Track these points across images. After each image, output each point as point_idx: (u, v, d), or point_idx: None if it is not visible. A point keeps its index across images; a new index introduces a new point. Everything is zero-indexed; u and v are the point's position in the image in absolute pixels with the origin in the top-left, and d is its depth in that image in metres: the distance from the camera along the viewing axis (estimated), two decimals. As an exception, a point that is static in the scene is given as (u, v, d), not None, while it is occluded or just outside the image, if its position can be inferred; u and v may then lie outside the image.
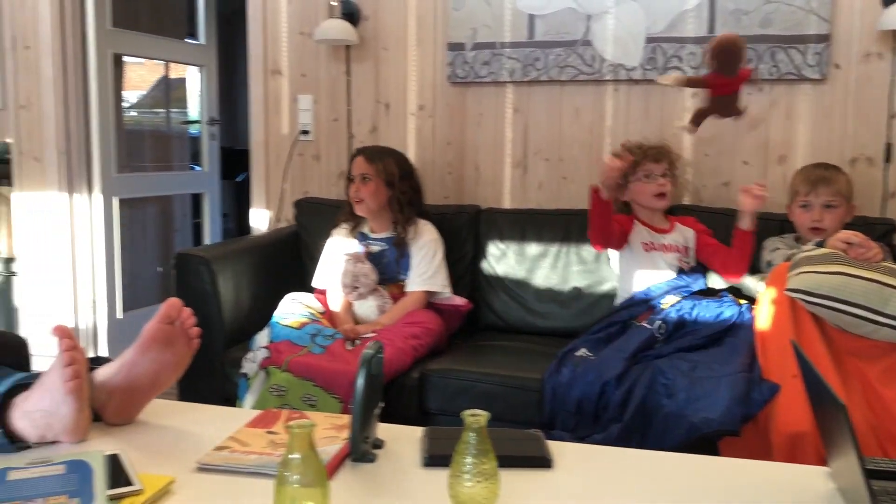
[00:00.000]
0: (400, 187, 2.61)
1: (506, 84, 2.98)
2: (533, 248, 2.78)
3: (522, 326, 2.76)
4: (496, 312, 2.79)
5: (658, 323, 2.26)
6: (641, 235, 2.54)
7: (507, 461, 1.23)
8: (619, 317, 2.42)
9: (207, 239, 4.51)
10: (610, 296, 2.68)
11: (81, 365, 1.35)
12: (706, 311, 2.31)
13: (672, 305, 2.35)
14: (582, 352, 2.26)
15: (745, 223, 2.42)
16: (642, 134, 2.84)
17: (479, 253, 2.84)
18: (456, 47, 2.99)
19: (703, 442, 1.91)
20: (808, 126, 2.75)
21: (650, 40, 2.80)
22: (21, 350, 1.80)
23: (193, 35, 4.54)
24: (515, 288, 2.78)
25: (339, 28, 3.00)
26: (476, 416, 1.15)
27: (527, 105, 2.98)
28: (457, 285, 2.72)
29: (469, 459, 1.14)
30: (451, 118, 3.06)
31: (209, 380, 2.44)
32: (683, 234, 2.58)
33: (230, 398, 2.39)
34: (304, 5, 3.17)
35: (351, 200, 2.64)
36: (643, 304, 2.42)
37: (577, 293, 2.72)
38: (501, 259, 2.80)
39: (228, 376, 2.42)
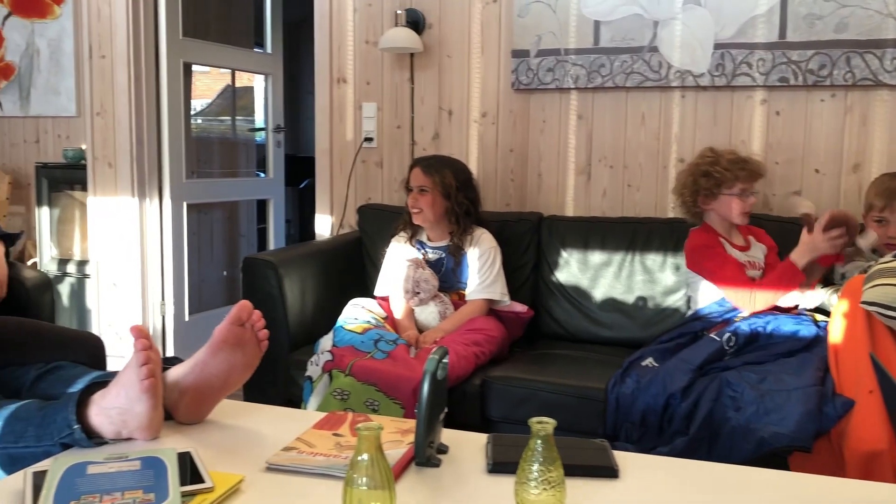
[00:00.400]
0: (457, 198, 2.61)
1: (570, 91, 2.97)
2: (596, 257, 2.75)
3: (585, 336, 2.73)
4: (558, 321, 2.77)
5: (728, 335, 2.20)
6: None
7: (572, 470, 1.22)
8: (689, 328, 2.37)
9: (272, 244, 4.58)
10: (675, 307, 2.63)
11: (156, 364, 1.39)
12: (782, 326, 2.21)
13: (745, 319, 2.28)
14: (648, 361, 2.23)
15: (800, 257, 2.28)
16: (709, 142, 2.79)
17: (541, 261, 2.82)
18: (520, 54, 2.99)
19: (772, 457, 1.86)
20: (884, 133, 2.66)
21: (718, 46, 2.76)
22: (97, 349, 1.86)
23: (260, 44, 4.63)
24: (578, 297, 2.75)
25: (403, 36, 3.03)
26: (543, 424, 1.14)
27: (591, 112, 2.96)
28: (518, 293, 2.71)
29: (536, 467, 1.13)
30: (514, 125, 3.06)
31: (274, 382, 2.48)
32: (759, 250, 2.50)
33: (294, 400, 2.42)
34: (369, 14, 3.22)
35: (409, 210, 2.66)
36: (715, 317, 2.36)
37: (642, 303, 2.68)
38: (564, 267, 2.78)
39: (293, 378, 2.46)
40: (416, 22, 3.10)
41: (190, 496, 1.17)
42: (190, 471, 1.24)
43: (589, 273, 2.75)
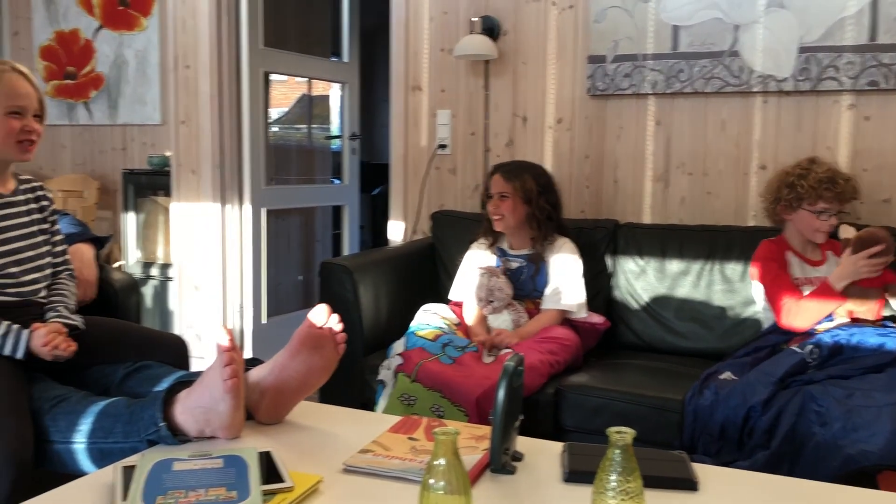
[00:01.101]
0: (538, 203, 2.59)
1: (647, 96, 2.92)
2: (674, 266, 2.70)
3: (661, 346, 2.68)
4: (634, 330, 2.73)
5: (810, 347, 2.13)
6: (793, 269, 2.39)
7: (650, 481, 1.20)
8: (767, 341, 2.30)
9: (346, 249, 4.65)
10: (755, 318, 2.56)
11: (239, 365, 1.42)
12: (867, 338, 2.12)
13: (827, 331, 2.20)
14: (726, 374, 2.17)
15: (837, 280, 2.24)
16: (793, 148, 2.71)
17: (617, 269, 2.78)
18: (596, 60, 2.96)
19: (860, 475, 1.79)
20: (982, 139, 2.54)
21: (804, 50, 2.67)
22: (181, 350, 1.92)
23: (337, 53, 4.72)
24: (655, 306, 2.70)
25: (478, 43, 3.04)
26: (622, 434, 1.13)
27: (669, 117, 2.91)
28: (593, 301, 2.68)
29: (614, 477, 1.11)
30: (590, 131, 3.03)
31: (349, 385, 2.51)
32: (836, 265, 2.40)
33: (368, 403, 2.45)
34: (444, 22, 3.24)
35: (489, 217, 2.64)
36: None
37: (721, 313, 2.62)
38: (640, 276, 2.74)
39: (367, 382, 2.48)
40: (491, 29, 3.11)
41: (270, 495, 1.20)
42: (270, 470, 1.27)
43: (666, 282, 2.70)
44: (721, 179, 2.86)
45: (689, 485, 1.31)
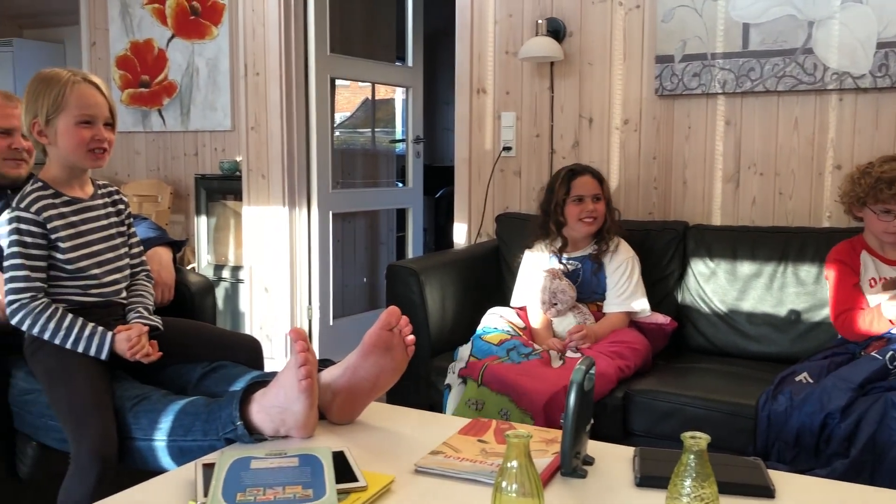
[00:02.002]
0: (612, 207, 2.62)
1: (717, 96, 2.87)
2: (745, 268, 2.64)
3: (732, 350, 2.63)
4: (703, 334, 2.68)
5: (891, 353, 2.06)
6: (868, 270, 2.32)
7: (726, 488, 1.18)
8: (846, 349, 2.24)
9: (410, 252, 4.69)
10: (830, 321, 2.48)
11: (313, 366, 1.45)
12: None
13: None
14: (802, 376, 2.12)
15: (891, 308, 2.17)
16: (871, 147, 2.63)
17: (686, 271, 2.74)
18: (664, 59, 2.92)
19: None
20: None
21: (882, 45, 2.59)
22: (255, 351, 1.97)
23: (401, 57, 4.76)
24: (725, 309, 2.65)
25: (544, 45, 3.03)
26: (696, 439, 1.11)
27: (739, 117, 2.85)
28: (661, 304, 2.65)
29: (688, 483, 1.10)
30: (658, 132, 2.99)
31: (416, 387, 2.53)
32: None
33: (434, 405, 2.47)
34: (510, 25, 3.24)
35: (574, 220, 2.57)
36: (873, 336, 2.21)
37: (794, 317, 2.55)
38: (710, 278, 2.69)
39: (433, 384, 2.50)
40: (556, 31, 3.10)
41: (344, 494, 1.22)
42: (344, 469, 1.29)
43: (737, 284, 2.64)
44: (794, 180, 2.79)
45: (766, 492, 1.28)
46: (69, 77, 1.76)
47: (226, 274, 4.18)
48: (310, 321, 3.95)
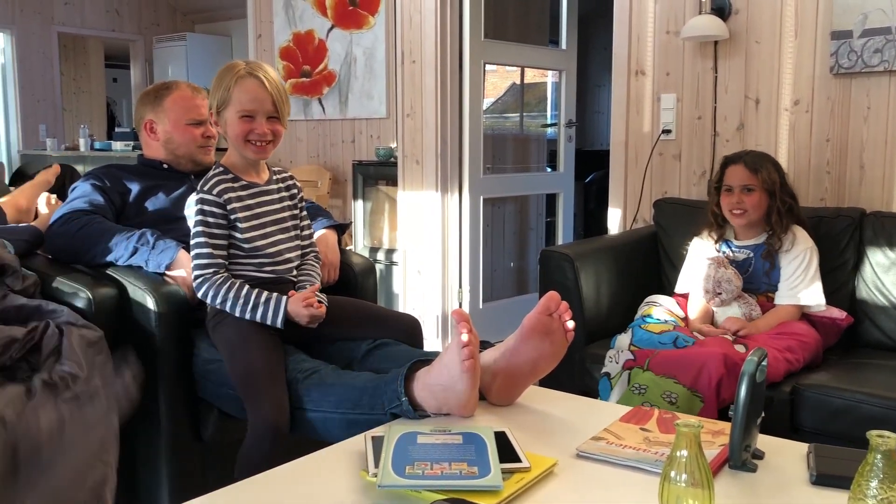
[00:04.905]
0: (780, 196, 2.45)
1: (901, 73, 2.66)
2: (930, 259, 2.44)
3: (914, 346, 2.44)
4: (881, 328, 2.50)
5: None
6: None
7: (916, 492, 1.09)
8: None
9: (560, 238, 4.65)
10: None
11: (476, 347, 1.48)
12: None
13: None
14: None
15: None
16: None
17: (862, 261, 2.56)
18: (841, 35, 2.73)
19: None
20: None
21: None
22: (415, 330, 2.03)
23: (554, 40, 4.71)
24: (906, 302, 2.46)
25: (707, 24, 2.91)
26: (885, 438, 1.05)
27: (927, 96, 2.63)
28: (834, 296, 2.49)
29: (874, 484, 1.04)
30: (832, 113, 2.81)
31: (569, 372, 2.51)
32: None
33: (588, 391, 2.44)
34: (671, 4, 3.13)
35: (725, 211, 2.51)
36: None
37: None
38: (890, 269, 2.50)
39: (588, 371, 2.48)
40: (721, 8, 2.96)
41: (508, 474, 1.23)
42: (506, 449, 1.31)
43: (921, 276, 2.45)
44: None
45: (961, 499, 1.18)
46: (238, 70, 1.85)
47: (380, 256, 4.31)
48: (460, 304, 4.01)
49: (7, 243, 2.00)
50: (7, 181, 3.63)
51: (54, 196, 2.49)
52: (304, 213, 2.10)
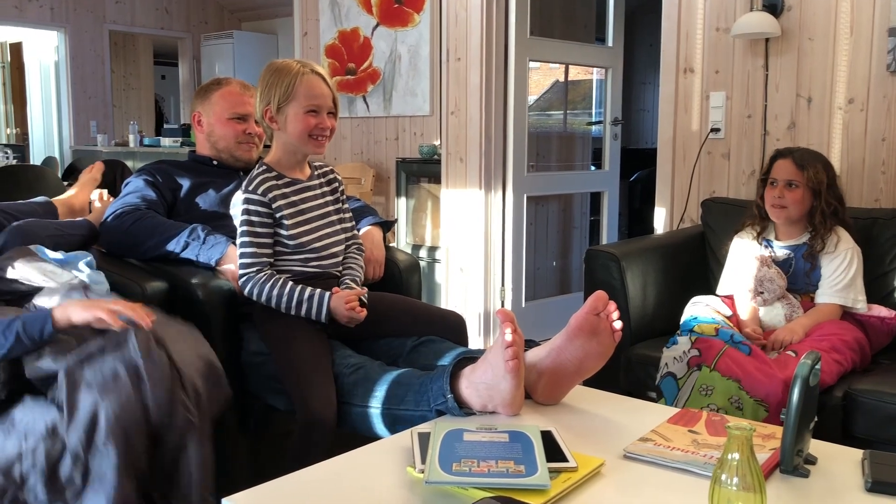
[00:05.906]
0: (826, 197, 2.39)
1: (961, 71, 2.58)
2: None
3: (971, 351, 2.37)
4: (936, 332, 2.43)
5: None
6: None
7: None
8: None
9: (604, 237, 4.61)
10: None
11: (520, 347, 1.47)
12: None
13: None
14: None
15: None
16: None
17: (918, 264, 2.49)
18: (898, 32, 2.66)
19: None
20: None
21: None
22: (460, 327, 2.03)
23: (601, 38, 4.67)
24: (964, 306, 2.39)
25: (759, 21, 2.86)
26: (946, 446, 1.02)
27: None
28: (888, 298, 2.43)
29: (935, 493, 1.01)
30: (888, 111, 2.74)
31: (615, 372, 2.49)
32: None
33: (633, 391, 2.41)
34: (721, 0, 3.08)
35: (767, 204, 2.48)
36: None
37: None
38: (947, 272, 2.43)
39: (633, 371, 2.45)
40: (773, 5, 2.91)
41: (555, 473, 1.23)
42: (553, 449, 1.30)
43: (980, 280, 2.37)
44: None
45: None
46: (299, 68, 1.88)
47: (423, 254, 4.32)
48: (502, 302, 4.00)
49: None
50: (60, 175, 3.72)
51: (106, 191, 2.54)
52: (346, 206, 2.11)
